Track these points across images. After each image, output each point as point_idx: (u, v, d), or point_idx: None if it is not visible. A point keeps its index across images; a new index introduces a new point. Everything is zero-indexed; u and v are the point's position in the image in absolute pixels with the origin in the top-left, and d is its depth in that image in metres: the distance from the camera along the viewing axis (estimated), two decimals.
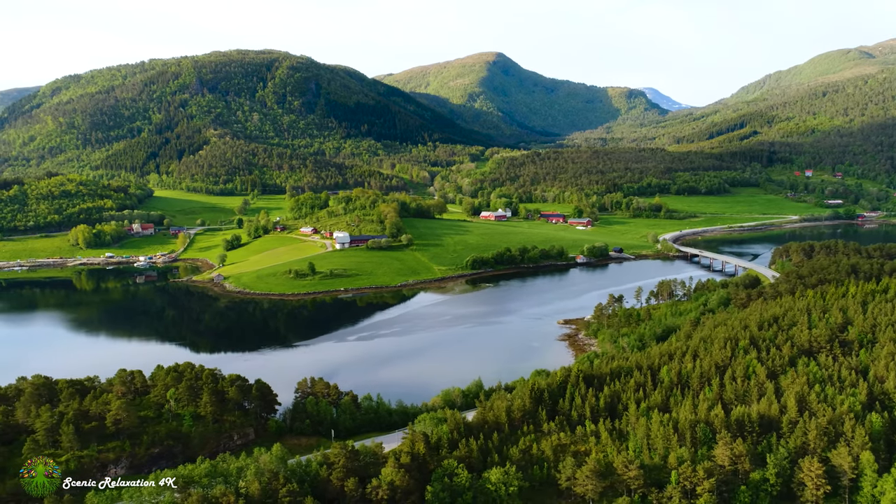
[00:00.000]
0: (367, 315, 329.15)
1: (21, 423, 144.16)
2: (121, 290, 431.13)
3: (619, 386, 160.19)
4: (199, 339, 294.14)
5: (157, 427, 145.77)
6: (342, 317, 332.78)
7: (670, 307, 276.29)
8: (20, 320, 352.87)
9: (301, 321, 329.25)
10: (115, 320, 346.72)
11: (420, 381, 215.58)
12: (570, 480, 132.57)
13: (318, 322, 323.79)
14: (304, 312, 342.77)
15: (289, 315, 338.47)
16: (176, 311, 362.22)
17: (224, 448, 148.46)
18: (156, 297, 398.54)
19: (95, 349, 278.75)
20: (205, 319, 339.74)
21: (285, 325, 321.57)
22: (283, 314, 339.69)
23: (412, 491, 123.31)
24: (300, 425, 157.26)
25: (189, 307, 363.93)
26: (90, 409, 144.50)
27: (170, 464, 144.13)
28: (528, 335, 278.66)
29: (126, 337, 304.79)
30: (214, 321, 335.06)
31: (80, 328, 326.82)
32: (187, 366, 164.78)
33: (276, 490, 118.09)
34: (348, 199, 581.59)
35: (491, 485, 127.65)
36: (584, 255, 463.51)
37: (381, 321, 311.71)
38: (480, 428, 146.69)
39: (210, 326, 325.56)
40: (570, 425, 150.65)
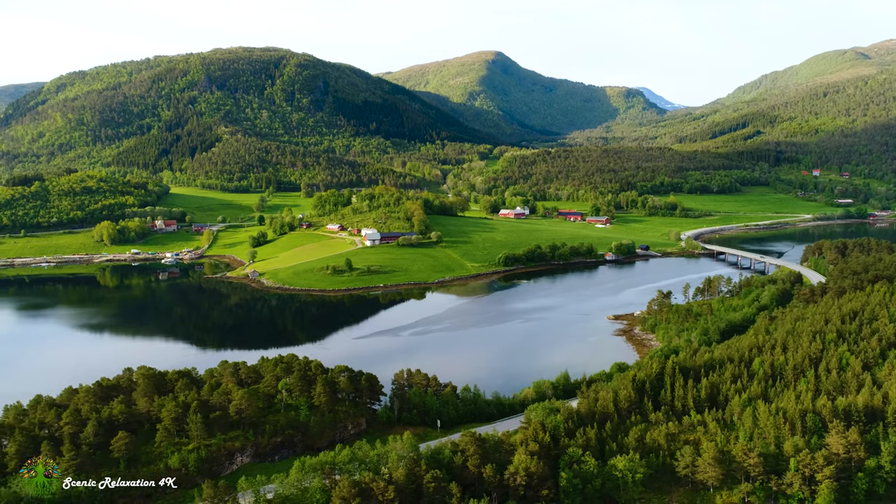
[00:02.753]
0: (413, 311, 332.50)
1: (143, 413, 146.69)
2: (161, 286, 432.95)
3: (715, 377, 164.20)
4: (259, 333, 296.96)
5: (277, 417, 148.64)
6: (388, 313, 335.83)
7: (721, 303, 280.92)
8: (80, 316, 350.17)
9: (349, 316, 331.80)
10: (167, 315, 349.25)
11: (495, 373, 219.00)
12: (688, 468, 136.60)
13: (366, 317, 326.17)
14: (350, 308, 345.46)
15: (336, 310, 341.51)
16: (223, 306, 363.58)
17: (339, 437, 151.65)
18: (201, 294, 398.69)
19: (161, 343, 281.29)
20: (257, 315, 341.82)
21: (336, 321, 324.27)
22: (330, 309, 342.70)
23: (547, 477, 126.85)
24: (407, 415, 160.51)
25: (235, 303, 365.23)
26: (210, 399, 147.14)
27: (291, 452, 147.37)
28: (583, 330, 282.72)
29: (186, 331, 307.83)
30: (268, 316, 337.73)
31: (140, 323, 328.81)
32: (291, 357, 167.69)
33: (419, 476, 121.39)
34: (371, 196, 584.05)
35: (618, 472, 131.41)
36: (613, 252, 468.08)
37: (429, 317, 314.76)
38: (592, 417, 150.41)
39: (265, 321, 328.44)
40: (675, 415, 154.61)
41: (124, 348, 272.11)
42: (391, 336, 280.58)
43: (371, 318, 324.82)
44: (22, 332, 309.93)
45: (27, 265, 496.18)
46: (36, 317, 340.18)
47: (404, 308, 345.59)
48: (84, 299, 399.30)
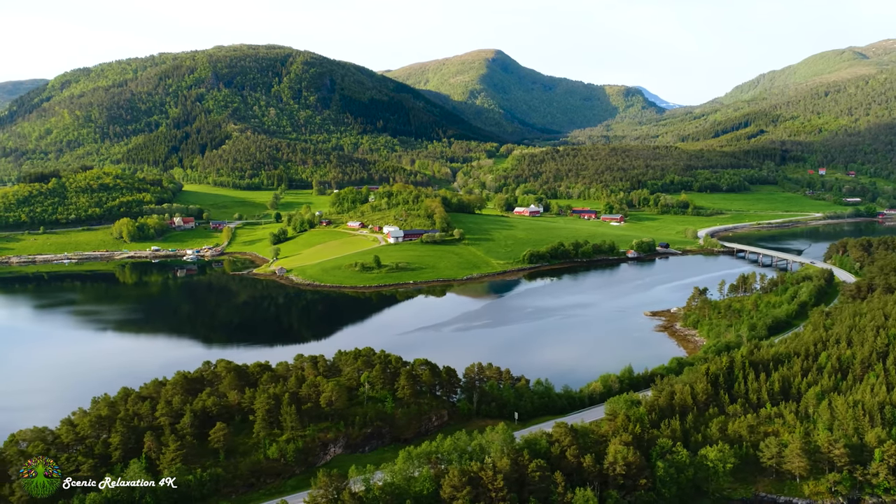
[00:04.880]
0: (448, 308, 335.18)
1: (234, 405, 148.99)
2: (192, 281, 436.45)
3: (785, 370, 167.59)
4: (299, 329, 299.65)
5: (365, 408, 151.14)
6: (424, 309, 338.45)
7: (758, 299, 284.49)
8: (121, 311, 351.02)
9: (384, 313, 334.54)
10: (203, 311, 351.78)
11: (547, 368, 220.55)
12: (773, 458, 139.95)
13: (404, 314, 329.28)
14: (381, 304, 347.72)
15: (372, 307, 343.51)
16: (261, 303, 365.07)
17: (424, 429, 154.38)
18: (231, 290, 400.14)
19: (207, 339, 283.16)
20: (296, 311, 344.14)
21: (372, 317, 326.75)
22: (363, 306, 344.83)
23: (644, 467, 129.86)
24: (486, 408, 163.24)
25: (271, 299, 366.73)
26: (299, 391, 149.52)
27: (379, 443, 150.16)
28: (624, 327, 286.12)
29: (227, 327, 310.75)
30: (305, 312, 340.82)
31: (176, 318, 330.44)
32: (369, 351, 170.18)
33: (522, 466, 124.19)
34: (389, 193, 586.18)
35: (710, 462, 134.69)
36: (634, 250, 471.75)
37: (466, 313, 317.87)
38: (672, 410, 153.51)
39: (303, 317, 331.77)
40: (751, 407, 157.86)
41: (175, 344, 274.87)
42: (434, 332, 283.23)
43: (406, 314, 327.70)
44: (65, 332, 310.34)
45: (48, 262, 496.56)
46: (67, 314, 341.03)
47: (436, 305, 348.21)
48: (118, 296, 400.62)
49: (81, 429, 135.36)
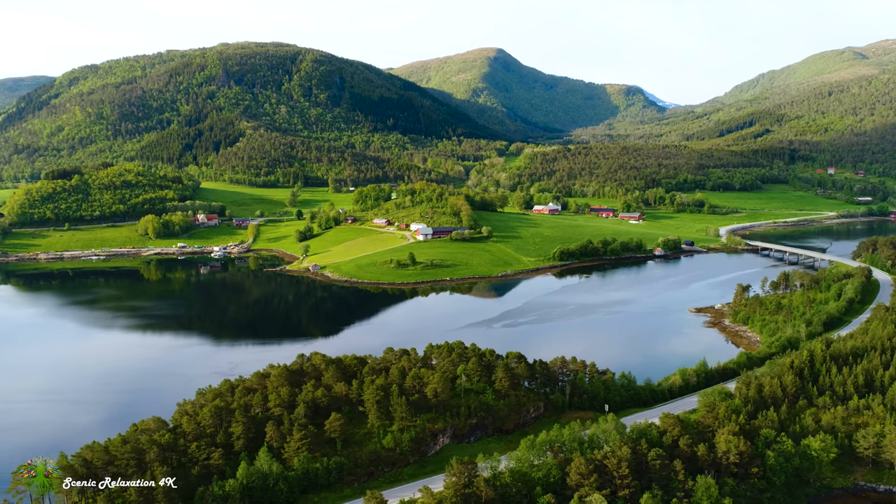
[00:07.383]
0: (492, 305, 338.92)
1: (342, 396, 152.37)
2: (236, 276, 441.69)
3: (866, 364, 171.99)
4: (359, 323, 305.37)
5: (467, 400, 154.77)
6: (467, 306, 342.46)
7: (803, 296, 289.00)
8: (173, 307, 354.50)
9: (430, 309, 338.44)
10: (249, 308, 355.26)
11: (613, 361, 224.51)
12: (870, 448, 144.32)
13: (447, 311, 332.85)
14: (424, 301, 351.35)
15: (412, 305, 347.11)
16: (305, 299, 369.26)
17: (523, 420, 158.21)
18: (280, 287, 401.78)
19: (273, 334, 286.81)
20: (345, 307, 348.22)
21: (418, 314, 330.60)
22: (407, 303, 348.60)
23: (755, 456, 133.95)
24: (578, 400, 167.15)
25: (316, 296, 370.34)
26: (404, 383, 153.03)
27: (483, 434, 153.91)
28: (672, 323, 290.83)
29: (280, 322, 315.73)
30: (352, 308, 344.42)
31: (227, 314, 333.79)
32: (459, 344, 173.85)
33: (641, 454, 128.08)
34: (413, 191, 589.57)
35: (814, 451, 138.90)
36: (661, 248, 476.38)
37: (511, 310, 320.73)
38: (763, 402, 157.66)
39: (353, 312, 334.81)
40: (839, 399, 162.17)
41: (242, 339, 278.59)
42: (484, 328, 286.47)
43: (449, 311, 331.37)
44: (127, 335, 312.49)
45: (76, 258, 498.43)
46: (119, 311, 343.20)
47: (475, 302, 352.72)
48: (165, 292, 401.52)
49: (202, 419, 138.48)
